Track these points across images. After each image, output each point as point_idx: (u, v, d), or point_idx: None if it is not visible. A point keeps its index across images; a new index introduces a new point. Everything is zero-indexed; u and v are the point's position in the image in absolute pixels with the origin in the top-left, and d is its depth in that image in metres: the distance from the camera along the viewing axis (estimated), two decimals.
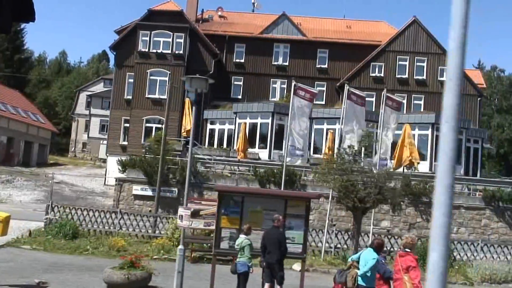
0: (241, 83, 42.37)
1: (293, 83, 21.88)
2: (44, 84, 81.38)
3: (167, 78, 38.16)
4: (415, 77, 40.75)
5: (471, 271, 16.10)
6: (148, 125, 37.81)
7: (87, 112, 61.54)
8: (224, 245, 10.33)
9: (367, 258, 9.67)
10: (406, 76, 40.74)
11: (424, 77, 40.70)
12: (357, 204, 11.07)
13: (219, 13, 45.74)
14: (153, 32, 37.96)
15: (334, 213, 27.03)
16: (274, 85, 42.44)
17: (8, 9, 3.45)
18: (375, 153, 21.47)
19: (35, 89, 78.58)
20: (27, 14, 3.63)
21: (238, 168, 29.11)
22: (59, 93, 78.06)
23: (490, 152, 73.90)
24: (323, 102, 41.20)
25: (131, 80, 38.54)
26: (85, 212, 18.03)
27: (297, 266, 15.67)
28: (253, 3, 48.17)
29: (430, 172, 33.23)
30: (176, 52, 38.22)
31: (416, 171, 29.48)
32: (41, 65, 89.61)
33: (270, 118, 34.35)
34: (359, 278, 9.72)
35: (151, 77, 38.08)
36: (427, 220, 26.66)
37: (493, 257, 17.70)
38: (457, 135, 2.33)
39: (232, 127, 35.54)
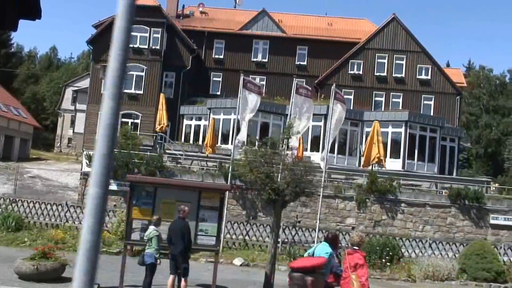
0: (220, 79, 42.25)
1: (242, 76, 21.71)
2: (33, 79, 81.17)
3: (143, 73, 38.08)
4: (393, 75, 40.65)
5: (415, 268, 16.02)
6: (123, 119, 37.64)
7: (73, 108, 61.35)
8: (135, 236, 10.23)
9: (321, 252, 9.55)
10: (385, 74, 40.64)
11: (403, 75, 40.60)
12: (272, 197, 10.94)
13: (200, 9, 45.61)
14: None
15: (300, 210, 26.93)
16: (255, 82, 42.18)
17: (14, 6, 3.47)
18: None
19: (23, 84, 78.40)
20: (33, 11, 3.65)
21: (206, 163, 29.00)
22: (47, 88, 77.90)
23: (478, 152, 73.96)
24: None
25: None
26: (31, 204, 17.94)
27: (237, 260, 15.58)
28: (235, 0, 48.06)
29: (403, 170, 33.19)
30: (153, 47, 38.09)
31: (383, 168, 29.39)
32: (32, 61, 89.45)
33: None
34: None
35: (128, 72, 37.85)
36: (393, 218, 26.56)
37: (441, 254, 17.62)
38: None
39: (207, 123, 35.42)
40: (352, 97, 40.80)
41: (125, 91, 37.60)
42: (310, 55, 42.27)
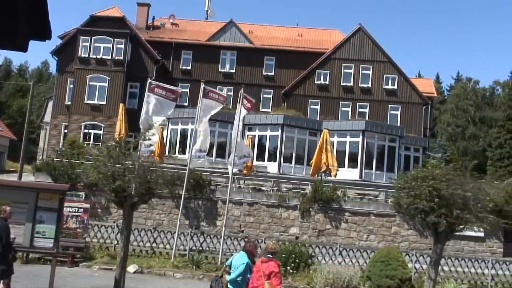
0: (188, 90, 42.20)
1: (202, 85, 21.61)
2: (21, 93, 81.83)
3: (106, 84, 38.15)
4: (360, 85, 40.47)
5: (317, 275, 15.70)
6: (86, 131, 37.67)
7: None
8: None
9: (238, 263, 9.48)
10: (351, 84, 40.47)
11: (369, 85, 40.40)
12: (111, 197, 10.76)
13: (171, 20, 45.79)
14: (93, 37, 37.98)
15: (243, 219, 26.67)
16: (220, 92, 42.12)
17: (26, 27, 3.60)
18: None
19: (11, 97, 79.08)
20: (43, 32, 3.78)
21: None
22: (34, 101, 78.33)
23: (464, 163, 73.00)
24: (269, 110, 40.96)
25: (72, 86, 38.50)
26: None
27: (132, 267, 15.35)
28: (207, 11, 48.24)
29: (360, 179, 32.87)
30: (116, 58, 38.17)
31: (335, 178, 29.05)
32: (22, 75, 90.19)
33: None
34: (230, 283, 9.49)
35: (91, 83, 38.01)
36: (337, 227, 26.24)
37: (351, 262, 17.27)
38: None
39: (165, 133, 35.30)
40: (318, 107, 40.68)
41: (88, 102, 37.77)
42: (278, 65, 42.21)
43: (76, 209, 16.19)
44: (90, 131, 37.88)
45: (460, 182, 11.40)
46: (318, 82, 40.62)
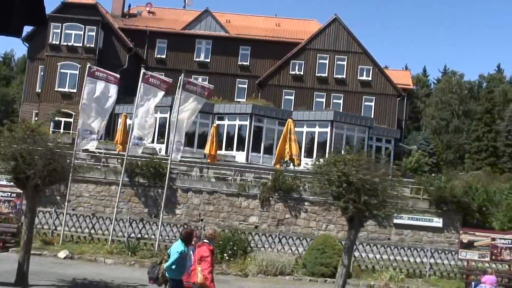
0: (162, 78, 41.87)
1: (182, 76, 21.33)
2: (5, 81, 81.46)
3: (77, 72, 37.86)
4: (334, 76, 40.31)
5: (251, 262, 15.63)
6: (56, 118, 37.40)
7: None
8: None
9: (173, 251, 9.65)
10: (326, 74, 40.30)
11: (344, 76, 40.25)
12: (14, 180, 10.62)
13: (148, 8, 45.45)
14: (64, 24, 37.66)
15: (203, 208, 26.56)
16: (195, 82, 41.89)
17: (21, 13, 3.60)
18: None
19: None
20: (39, 18, 3.77)
21: (117, 161, 28.68)
22: (18, 90, 78.01)
23: (447, 157, 73.08)
24: (244, 99, 40.75)
25: (43, 73, 38.22)
26: None
27: (62, 253, 15.24)
28: (185, 0, 47.90)
29: None
30: (88, 45, 37.88)
31: (295, 167, 28.93)
32: (8, 63, 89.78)
33: (168, 113, 33.84)
34: (166, 271, 9.62)
35: (62, 70, 37.74)
36: (296, 217, 26.16)
37: (291, 250, 17.20)
38: None
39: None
40: (292, 97, 40.53)
41: (59, 89, 37.51)
42: (253, 55, 41.98)
43: (9, 194, 16.01)
44: (61, 119, 37.62)
45: (370, 168, 11.29)
46: (293, 73, 40.43)
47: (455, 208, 25.81)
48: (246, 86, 41.86)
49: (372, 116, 39.90)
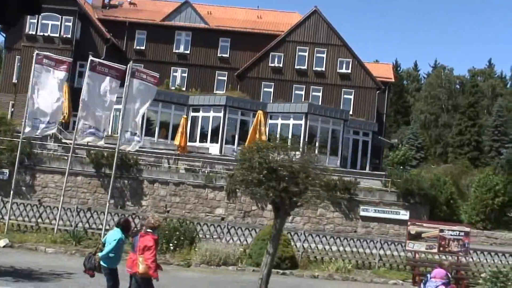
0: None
1: (130, 63, 21.05)
2: None
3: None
4: (314, 69, 40.09)
5: (194, 253, 15.50)
6: None
7: None
8: None
9: (110, 239, 9.58)
10: (305, 67, 40.08)
11: (323, 68, 40.03)
12: None
13: None
14: (41, 14, 37.32)
15: (169, 199, 26.44)
16: (175, 73, 41.84)
17: (15, 1, 3.55)
18: None
19: None
20: (33, 7, 3.75)
21: (89, 152, 28.49)
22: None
23: (436, 151, 73.09)
24: (223, 91, 40.55)
25: (19, 64, 37.98)
26: None
27: (2, 242, 15.11)
28: None
29: None
30: (64, 36, 37.64)
31: None
32: None
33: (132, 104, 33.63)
34: (102, 260, 9.50)
35: None
36: (262, 208, 26.07)
37: (240, 240, 17.07)
38: None
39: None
40: (272, 90, 40.33)
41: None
42: (233, 47, 41.73)
43: None
44: None
45: (294, 155, 11.12)
46: (272, 65, 40.20)
47: (422, 201, 25.72)
48: (225, 78, 41.64)
49: (351, 109, 39.77)
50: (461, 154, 49.00)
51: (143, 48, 41.72)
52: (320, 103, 38.81)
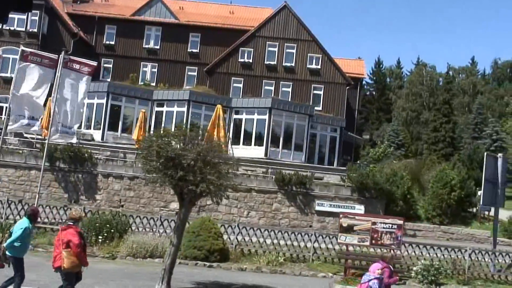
0: (111, 65, 41.48)
1: (62, 54, 20.82)
2: None
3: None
4: (284, 64, 39.93)
5: (122, 245, 15.30)
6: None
7: None
8: None
9: (16, 228, 9.56)
10: (275, 62, 39.90)
11: (293, 64, 39.87)
12: None
13: None
14: None
15: (123, 194, 26.19)
16: (144, 69, 41.54)
17: None
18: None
19: None
20: (24, 4, 3.70)
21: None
22: None
23: (418, 148, 72.85)
24: (194, 87, 40.35)
25: None
26: None
27: None
28: None
29: (265, 157, 32.47)
30: (31, 30, 37.30)
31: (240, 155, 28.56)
32: None
33: (105, 99, 33.43)
34: (7, 249, 9.39)
35: (4, 55, 37.06)
36: (217, 203, 25.68)
37: (165, 232, 16.87)
38: None
39: None
40: (241, 85, 40.12)
41: (1, 74, 36.94)
42: (203, 42, 41.48)
43: None
44: (3, 104, 36.99)
45: (196, 144, 10.94)
46: (242, 60, 40.00)
47: (378, 196, 25.60)
48: (195, 73, 41.40)
49: (321, 105, 39.67)
50: (435, 150, 48.90)
51: (113, 43, 41.41)
52: (289, 99, 38.69)
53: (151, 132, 33.79)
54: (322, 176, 28.77)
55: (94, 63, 22.75)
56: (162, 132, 11.51)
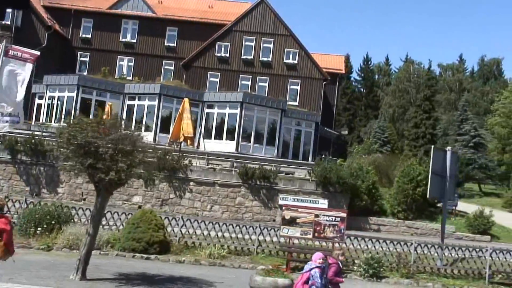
0: (87, 58, 41.22)
1: (3, 43, 20.71)
2: None
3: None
4: (260, 59, 39.70)
5: (59, 236, 15.11)
6: None
7: None
8: None
9: None
10: (252, 57, 39.68)
11: (270, 58, 39.64)
12: None
13: None
14: None
15: (85, 187, 25.94)
16: (121, 62, 41.28)
17: None
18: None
19: None
20: (22, 1, 3.69)
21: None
22: None
23: (403, 145, 72.79)
24: (171, 80, 40.13)
25: None
26: None
27: None
28: None
29: (236, 152, 32.25)
30: (3, 22, 36.88)
31: (189, 146, 28.43)
32: None
33: (75, 92, 33.14)
34: None
35: None
36: (180, 197, 25.66)
37: (116, 225, 16.70)
38: None
39: (42, 101, 34.53)
40: (218, 80, 39.89)
41: None
42: (181, 37, 41.25)
43: None
44: None
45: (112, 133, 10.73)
46: (218, 55, 39.76)
47: (343, 190, 25.42)
48: (172, 68, 41.17)
49: (297, 100, 39.52)
50: (416, 146, 48.88)
51: (89, 36, 41.16)
52: (266, 94, 38.51)
53: None
54: (293, 171, 28.58)
55: (37, 53, 22.56)
56: (74, 119, 11.30)
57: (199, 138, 33.59)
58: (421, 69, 78.89)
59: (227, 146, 32.52)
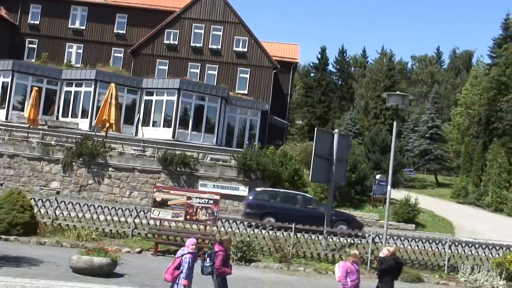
0: (36, 45, 40.66)
1: None
2: None
3: None
4: (210, 46, 39.21)
5: None
6: None
7: None
8: None
9: None
10: (201, 45, 39.18)
11: (219, 46, 39.15)
12: None
13: None
14: None
15: (2, 172, 25.48)
16: (70, 49, 40.72)
17: None
18: None
19: None
20: None
21: None
22: None
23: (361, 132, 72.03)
24: (120, 68, 39.65)
25: None
26: None
27: None
28: None
29: (173, 139, 31.84)
30: None
31: (115, 133, 27.93)
32: None
33: (10, 77, 32.56)
34: None
35: None
36: (99, 182, 25.20)
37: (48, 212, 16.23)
38: None
39: None
40: (166, 67, 39.41)
41: None
42: (130, 23, 40.76)
43: None
44: None
45: None
46: (167, 42, 39.26)
47: (264, 177, 25.03)
48: (122, 55, 40.66)
49: (247, 88, 39.09)
50: None
51: (37, 22, 40.61)
52: (215, 82, 38.09)
53: (55, 112, 33.22)
54: (227, 158, 28.13)
55: None
56: None
57: (137, 125, 33.16)
58: (392, 61, 78.38)
59: (164, 133, 32.11)
